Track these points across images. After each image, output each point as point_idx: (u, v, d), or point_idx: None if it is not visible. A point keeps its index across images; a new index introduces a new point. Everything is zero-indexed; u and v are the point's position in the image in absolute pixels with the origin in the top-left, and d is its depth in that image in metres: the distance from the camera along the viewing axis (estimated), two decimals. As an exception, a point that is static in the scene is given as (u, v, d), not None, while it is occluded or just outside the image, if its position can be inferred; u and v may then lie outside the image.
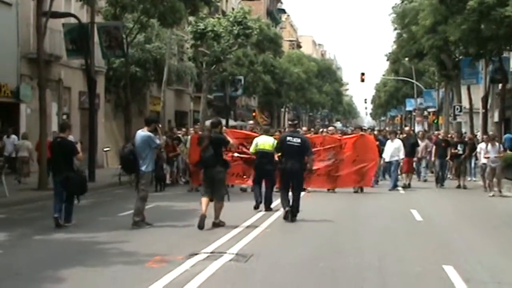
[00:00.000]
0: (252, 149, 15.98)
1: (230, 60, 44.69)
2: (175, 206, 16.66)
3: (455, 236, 12.61)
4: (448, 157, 23.14)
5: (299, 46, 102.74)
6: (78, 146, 14.21)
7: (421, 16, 27.84)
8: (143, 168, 12.74)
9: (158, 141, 12.98)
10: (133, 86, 37.34)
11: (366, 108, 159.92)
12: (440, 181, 23.22)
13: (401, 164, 22.03)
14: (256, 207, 15.42)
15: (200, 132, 19.98)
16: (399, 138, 23.36)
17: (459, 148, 23.13)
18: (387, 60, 53.71)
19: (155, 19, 26.99)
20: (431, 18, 26.53)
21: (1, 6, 25.49)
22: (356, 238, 12.00)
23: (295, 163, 13.88)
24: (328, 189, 20.46)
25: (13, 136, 23.60)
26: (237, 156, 18.65)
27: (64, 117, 31.06)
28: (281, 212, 14.37)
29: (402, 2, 34.89)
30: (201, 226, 12.27)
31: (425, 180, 25.50)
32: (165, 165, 21.91)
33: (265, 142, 15.61)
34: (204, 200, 12.69)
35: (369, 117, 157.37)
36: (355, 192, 20.47)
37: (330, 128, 25.07)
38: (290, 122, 16.65)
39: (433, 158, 24.37)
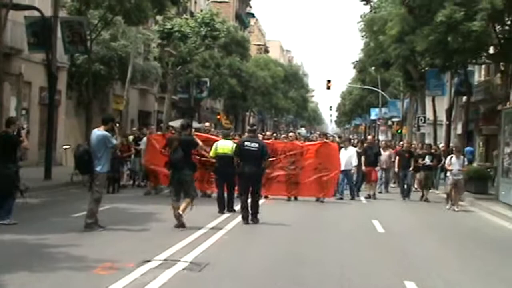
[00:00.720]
0: (212, 153, 16.16)
1: (196, 62, 44.19)
2: (132, 208, 16.14)
3: (417, 249, 12.34)
4: (412, 168, 22.54)
5: (266, 51, 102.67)
6: (23, 132, 13.89)
7: (389, 25, 27.68)
8: (98, 168, 12.24)
9: (114, 141, 12.51)
10: (96, 84, 36.63)
11: (331, 115, 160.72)
12: (406, 193, 22.58)
13: (353, 172, 21.48)
14: (220, 211, 15.49)
15: (157, 133, 19.97)
16: (363, 147, 23.23)
17: (427, 159, 22.48)
18: (354, 68, 53.75)
19: (120, 16, 26.33)
20: (399, 28, 26.36)
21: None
22: (316, 248, 11.65)
23: (252, 167, 14.10)
24: (288, 198, 19.79)
25: None
26: (197, 159, 18.23)
27: (23, 112, 30.30)
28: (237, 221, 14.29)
29: (371, 11, 34.80)
30: (180, 225, 12.50)
31: (386, 191, 24.87)
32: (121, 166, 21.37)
33: (224, 146, 15.85)
34: (175, 205, 12.88)
35: (334, 125, 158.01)
36: (317, 201, 19.86)
37: (291, 134, 23.94)
38: (249, 128, 17.76)
39: (396, 169, 23.81)
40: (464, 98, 32.82)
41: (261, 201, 15.22)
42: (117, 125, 14.68)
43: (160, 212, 15.13)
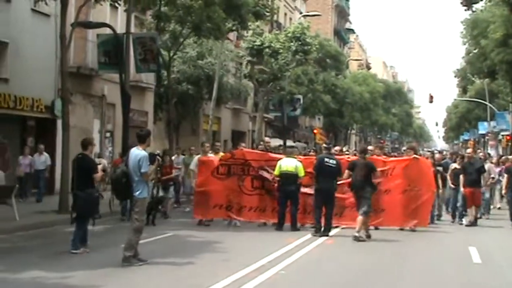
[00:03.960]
0: (276, 171, 15.91)
1: (288, 78, 42.64)
2: (194, 236, 14.47)
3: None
4: None
5: (368, 67, 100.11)
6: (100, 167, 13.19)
7: (492, 28, 25.14)
8: (136, 193, 10.72)
9: (146, 168, 10.75)
10: (185, 104, 35.86)
11: (438, 131, 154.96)
12: None
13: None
14: (279, 228, 15.68)
15: (211, 153, 17.64)
16: (462, 162, 19.67)
17: None
18: (455, 76, 50.53)
19: (189, 29, 25.11)
20: (502, 30, 23.81)
21: (39, 17, 24.26)
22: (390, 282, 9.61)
23: (329, 183, 15.01)
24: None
25: (45, 154, 22.22)
26: (258, 185, 16.55)
27: (107, 134, 29.71)
28: (304, 252, 12.61)
29: (473, 12, 31.99)
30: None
31: (487, 219, 19.99)
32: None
33: (287, 164, 15.76)
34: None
35: (442, 141, 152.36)
36: (401, 229, 16.20)
37: (370, 147, 19.44)
38: (325, 145, 17.03)
39: (503, 191, 19.37)
40: None
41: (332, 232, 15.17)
42: (160, 159, 13.28)
43: (221, 240, 13.60)
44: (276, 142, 43.65)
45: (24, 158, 21.79)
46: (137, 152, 10.84)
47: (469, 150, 21.56)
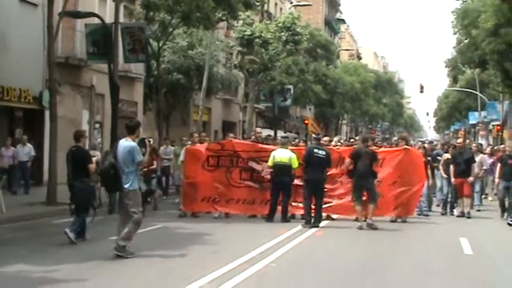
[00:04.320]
0: (269, 162, 15.66)
1: (279, 69, 42.43)
2: (184, 228, 14.27)
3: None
4: None
5: (359, 57, 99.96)
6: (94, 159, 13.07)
7: (483, 17, 24.99)
8: (126, 185, 10.55)
9: (141, 157, 10.66)
10: (175, 94, 35.59)
11: (428, 121, 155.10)
12: (509, 211, 17.44)
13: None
14: (269, 219, 15.55)
15: (199, 143, 17.19)
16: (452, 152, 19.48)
17: None
18: (445, 66, 50.42)
19: (179, 18, 24.81)
20: (493, 20, 23.68)
21: (27, 7, 23.96)
22: (380, 276, 9.54)
23: (318, 173, 14.96)
24: (356, 218, 15.27)
25: (29, 145, 21.90)
26: (247, 177, 16.34)
27: (97, 125, 29.45)
28: (294, 243, 12.49)
29: (464, 1, 31.81)
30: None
31: (478, 210, 19.54)
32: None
33: (281, 155, 15.59)
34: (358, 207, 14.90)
35: (433, 131, 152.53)
36: (393, 221, 16.12)
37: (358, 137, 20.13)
38: (314, 136, 16.88)
39: (496, 180, 18.75)
40: None
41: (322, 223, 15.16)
42: (150, 141, 13.10)
43: (211, 232, 13.49)
44: (267, 132, 43.52)
45: (7, 150, 21.16)
46: (126, 144, 10.68)
47: (459, 140, 21.47)
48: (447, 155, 19.06)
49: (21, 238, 12.87)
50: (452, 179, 18.29)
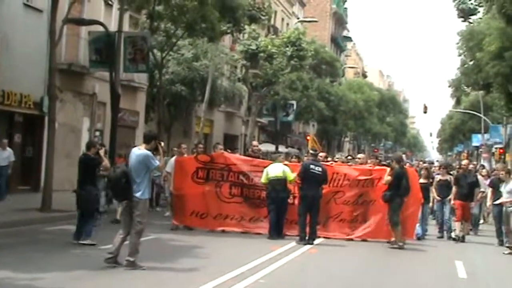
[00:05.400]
0: (263, 179, 15.41)
1: (283, 84, 42.35)
2: (176, 240, 14.11)
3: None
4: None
5: (364, 76, 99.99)
6: (102, 151, 13.44)
7: (487, 40, 24.92)
8: (137, 194, 10.32)
9: (157, 162, 10.63)
10: (177, 105, 35.50)
11: (432, 142, 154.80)
12: (502, 236, 16.68)
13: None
14: (272, 237, 14.99)
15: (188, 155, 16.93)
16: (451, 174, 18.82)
17: None
18: (449, 86, 50.32)
19: (183, 29, 24.73)
20: (498, 43, 23.59)
21: (32, 12, 23.98)
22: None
23: (315, 190, 14.66)
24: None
25: (9, 150, 21.05)
26: (237, 192, 16.00)
27: (97, 133, 29.35)
28: (286, 260, 12.32)
29: (470, 23, 31.76)
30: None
31: (475, 234, 19.39)
32: None
33: (275, 170, 15.32)
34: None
35: (436, 151, 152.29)
36: (388, 242, 15.35)
37: (360, 155, 19.64)
38: (311, 152, 16.27)
39: (488, 203, 17.79)
40: None
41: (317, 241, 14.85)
42: (162, 144, 13.02)
43: (203, 246, 13.35)
44: (268, 147, 43.43)
45: None
46: (139, 152, 10.51)
47: (464, 162, 20.41)
48: (439, 177, 18.64)
49: (10, 244, 12.67)
50: (452, 201, 17.73)
